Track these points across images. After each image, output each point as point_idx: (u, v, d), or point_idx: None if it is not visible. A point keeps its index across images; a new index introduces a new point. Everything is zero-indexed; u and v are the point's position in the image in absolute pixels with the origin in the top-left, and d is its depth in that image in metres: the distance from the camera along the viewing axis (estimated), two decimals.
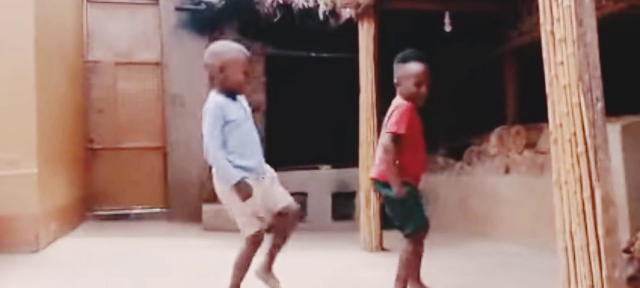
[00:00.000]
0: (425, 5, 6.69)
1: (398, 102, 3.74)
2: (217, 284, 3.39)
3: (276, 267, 3.77)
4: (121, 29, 9.02)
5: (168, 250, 6.07)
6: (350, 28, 6.46)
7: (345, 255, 5.66)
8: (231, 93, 3.60)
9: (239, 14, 7.52)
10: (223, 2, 7.81)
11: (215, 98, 3.57)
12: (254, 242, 3.62)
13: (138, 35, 8.92)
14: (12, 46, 5.89)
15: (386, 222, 6.36)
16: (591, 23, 2.95)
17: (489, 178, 7.21)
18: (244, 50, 3.70)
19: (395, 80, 3.76)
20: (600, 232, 2.81)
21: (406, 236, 3.65)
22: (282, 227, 3.77)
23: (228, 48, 3.70)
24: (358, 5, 6.24)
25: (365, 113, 6.18)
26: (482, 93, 7.63)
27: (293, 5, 7.63)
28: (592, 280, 2.83)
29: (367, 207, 6.15)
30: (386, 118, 3.75)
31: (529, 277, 4.59)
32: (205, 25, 8.43)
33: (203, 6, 8.02)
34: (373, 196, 6.12)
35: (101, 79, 8.87)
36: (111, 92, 8.95)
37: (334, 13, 7.13)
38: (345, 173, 8.30)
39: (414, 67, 3.69)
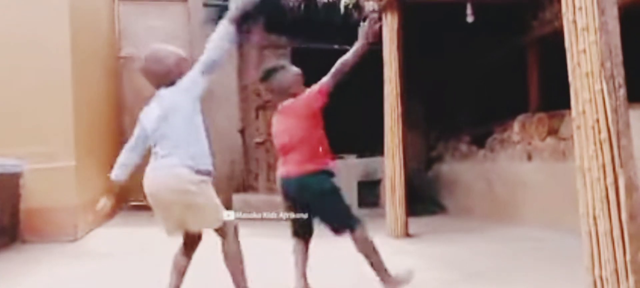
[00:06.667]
0: None
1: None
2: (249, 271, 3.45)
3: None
4: (151, 26, 9.18)
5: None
6: None
7: None
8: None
9: (265, 8, 7.61)
10: None
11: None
12: None
13: (167, 31, 9.07)
14: (49, 44, 6.10)
15: (412, 209, 6.50)
16: (613, 11, 3.02)
17: (512, 165, 7.32)
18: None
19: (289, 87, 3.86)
20: (624, 216, 2.89)
21: None
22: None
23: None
24: None
25: (390, 103, 6.30)
26: (504, 82, 7.71)
27: None
28: (616, 264, 2.91)
29: (393, 194, 6.27)
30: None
31: (554, 261, 4.70)
32: None
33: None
34: (398, 183, 6.24)
35: (133, 75, 9.03)
36: (143, 88, 9.10)
37: (357, 6, 7.22)
38: (370, 162, 8.47)
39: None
